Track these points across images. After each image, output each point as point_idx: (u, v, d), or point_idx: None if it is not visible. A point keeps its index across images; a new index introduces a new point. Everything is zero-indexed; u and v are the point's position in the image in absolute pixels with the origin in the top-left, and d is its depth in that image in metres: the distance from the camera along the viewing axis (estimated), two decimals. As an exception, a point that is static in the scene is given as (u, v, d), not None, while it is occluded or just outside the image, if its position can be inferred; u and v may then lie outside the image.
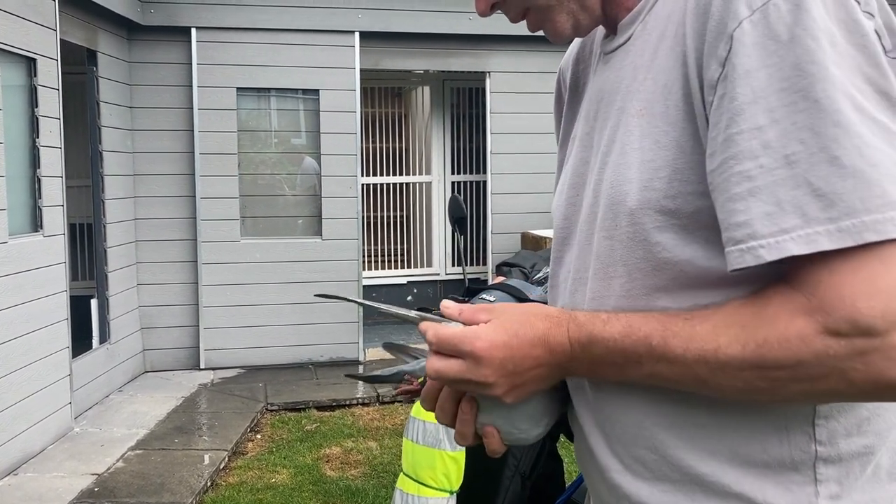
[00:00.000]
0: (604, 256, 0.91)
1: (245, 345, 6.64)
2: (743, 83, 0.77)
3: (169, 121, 6.48)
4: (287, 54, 6.61)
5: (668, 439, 0.88)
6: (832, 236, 0.72)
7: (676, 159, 0.84)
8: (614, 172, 0.90)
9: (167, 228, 6.52)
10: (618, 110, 0.93)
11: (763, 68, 0.76)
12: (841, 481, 0.83)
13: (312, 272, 6.73)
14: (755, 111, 0.76)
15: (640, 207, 0.86)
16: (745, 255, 0.76)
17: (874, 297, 0.72)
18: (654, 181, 0.85)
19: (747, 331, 0.77)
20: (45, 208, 4.82)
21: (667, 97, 0.85)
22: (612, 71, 0.96)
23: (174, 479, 4.31)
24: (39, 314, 4.70)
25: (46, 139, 4.85)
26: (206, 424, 5.29)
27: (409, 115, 8.76)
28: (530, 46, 7.14)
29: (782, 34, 0.76)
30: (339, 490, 4.32)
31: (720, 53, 0.79)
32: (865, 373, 0.73)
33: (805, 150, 0.74)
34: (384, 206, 8.52)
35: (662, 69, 0.86)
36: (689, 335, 0.80)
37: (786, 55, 0.75)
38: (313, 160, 6.87)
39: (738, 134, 0.77)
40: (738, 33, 0.77)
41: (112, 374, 5.91)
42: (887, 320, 0.71)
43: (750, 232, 0.75)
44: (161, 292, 6.54)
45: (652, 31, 0.91)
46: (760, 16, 0.76)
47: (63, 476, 4.35)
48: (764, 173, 0.75)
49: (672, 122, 0.84)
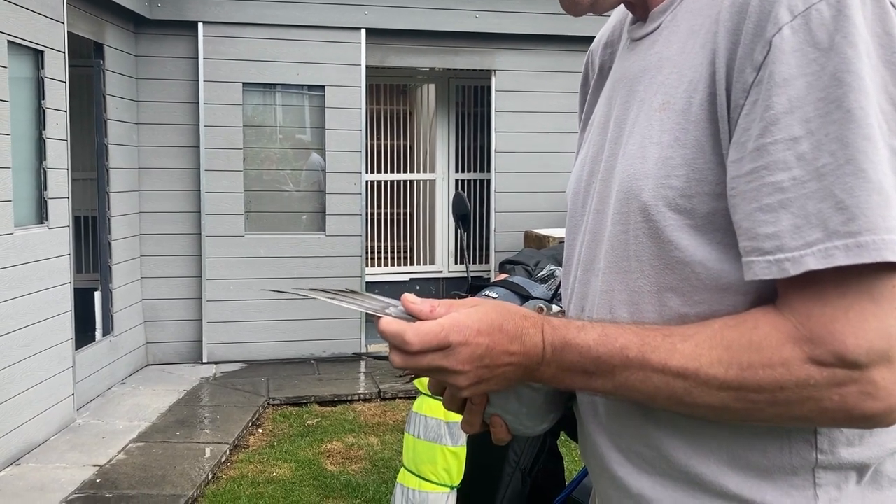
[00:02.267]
0: (619, 249, 0.90)
1: (247, 339, 6.66)
2: (780, 91, 0.75)
3: (175, 115, 6.49)
4: (293, 50, 6.62)
5: (667, 439, 0.88)
6: (850, 251, 0.72)
7: (696, 158, 0.83)
8: (631, 164, 0.89)
9: (171, 222, 6.54)
10: (639, 101, 0.91)
11: (802, 77, 0.75)
12: (840, 486, 0.83)
13: (316, 268, 6.75)
14: (791, 121, 0.75)
15: (655, 204, 0.85)
16: (771, 266, 0.75)
17: (862, 335, 0.73)
18: (672, 178, 0.84)
19: (731, 353, 0.77)
20: (50, 200, 4.83)
21: (691, 95, 0.83)
22: (638, 59, 0.95)
23: (175, 472, 4.33)
24: (43, 306, 4.72)
25: (53, 131, 4.86)
26: (208, 418, 5.30)
27: (414, 113, 8.77)
28: (536, 45, 7.15)
29: (823, 41, 0.74)
30: (339, 485, 4.33)
31: (756, 57, 0.77)
32: (839, 403, 0.75)
33: (834, 161, 0.73)
34: (388, 203, 8.53)
35: (689, 65, 0.85)
36: (669, 351, 0.79)
37: (826, 63, 0.74)
38: (319, 157, 6.88)
39: (772, 144, 0.75)
40: (778, 39, 0.75)
41: (115, 366, 5.93)
42: (870, 357, 0.73)
43: (779, 244, 0.75)
44: (165, 286, 6.56)
45: (681, 23, 0.89)
46: (802, 21, 0.75)
47: (65, 467, 4.37)
48: (796, 185, 0.74)
49: (694, 120, 0.83)
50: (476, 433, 1.00)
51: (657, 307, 0.87)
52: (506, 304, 0.87)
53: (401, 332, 0.81)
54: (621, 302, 0.91)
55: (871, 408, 0.74)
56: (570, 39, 6.92)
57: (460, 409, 0.97)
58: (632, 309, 0.90)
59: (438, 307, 0.83)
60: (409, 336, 0.80)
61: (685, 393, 0.79)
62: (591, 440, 0.99)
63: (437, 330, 0.81)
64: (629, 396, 0.84)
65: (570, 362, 0.83)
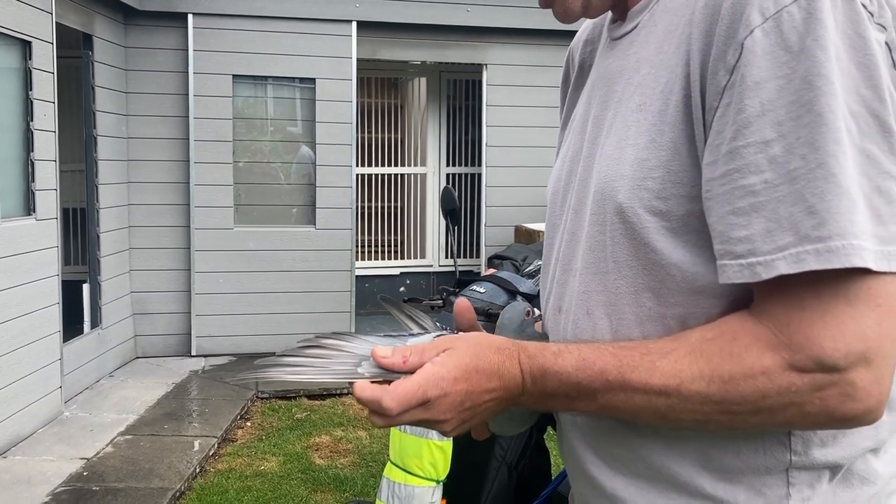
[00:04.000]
0: (596, 250, 0.90)
1: (237, 332, 6.65)
2: (752, 94, 0.75)
3: (164, 107, 6.46)
4: (284, 42, 6.59)
5: (643, 441, 0.88)
6: (820, 256, 0.72)
7: (671, 161, 0.83)
8: (607, 166, 0.89)
9: (160, 214, 6.51)
10: (617, 101, 0.91)
11: (773, 80, 0.74)
12: (813, 485, 0.84)
13: (305, 261, 6.74)
14: (763, 124, 0.75)
15: (631, 206, 0.85)
16: (743, 270, 0.76)
17: (839, 338, 0.73)
18: (647, 181, 0.84)
19: (712, 366, 0.77)
20: (38, 192, 4.81)
21: (667, 96, 0.83)
22: (616, 59, 0.95)
23: (163, 465, 4.32)
24: (31, 298, 4.70)
25: (40, 122, 4.83)
26: (197, 411, 5.29)
27: (405, 106, 8.75)
28: (527, 39, 7.14)
29: (794, 44, 0.74)
30: (327, 478, 4.33)
31: (729, 60, 0.77)
32: (820, 406, 0.75)
33: (805, 165, 0.73)
34: (379, 196, 8.52)
35: (665, 66, 0.85)
36: (649, 370, 0.79)
37: (797, 66, 0.74)
38: (309, 149, 6.86)
39: (744, 147, 0.75)
40: (749, 42, 0.75)
41: (103, 359, 5.91)
42: (848, 359, 0.73)
43: (750, 248, 0.75)
44: (153, 278, 6.54)
45: (658, 24, 0.89)
46: (773, 24, 0.74)
47: (52, 460, 4.35)
48: (768, 189, 0.74)
49: (670, 122, 0.83)
50: None
51: (634, 308, 0.87)
52: (478, 339, 0.86)
53: (376, 398, 0.80)
54: (599, 302, 0.91)
55: (852, 409, 0.75)
56: (561, 34, 6.91)
57: None
58: (609, 309, 0.90)
59: (410, 356, 0.82)
60: (386, 402, 0.80)
61: (668, 410, 0.80)
62: (567, 440, 1.00)
63: (413, 389, 0.80)
64: (614, 416, 0.85)
65: (551, 389, 0.84)
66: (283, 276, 6.70)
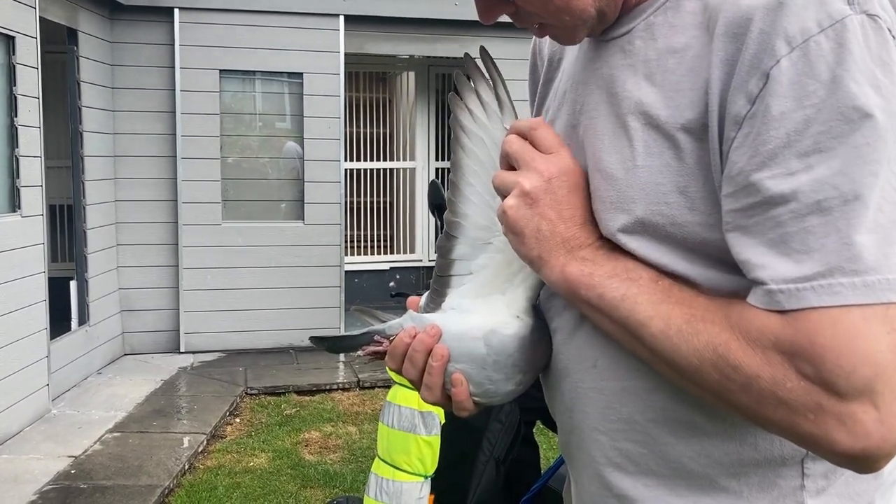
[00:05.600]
0: None
1: (225, 328, 6.62)
2: (776, 125, 0.72)
3: (150, 102, 6.42)
4: (271, 37, 6.56)
5: (661, 435, 0.87)
6: (857, 290, 0.69)
7: (689, 187, 0.80)
8: (610, 188, 0.85)
9: (148, 210, 6.47)
10: (616, 116, 0.87)
11: (800, 110, 0.72)
12: (828, 475, 0.83)
13: (294, 257, 6.72)
14: (788, 155, 0.72)
15: (644, 231, 0.82)
16: (765, 297, 0.73)
17: (844, 355, 0.69)
18: (662, 206, 0.81)
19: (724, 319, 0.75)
20: (23, 188, 4.77)
21: (681, 121, 0.80)
22: (606, 66, 0.90)
23: (152, 462, 4.30)
24: (17, 295, 4.66)
25: (25, 118, 4.79)
26: (185, 408, 5.27)
27: (393, 101, 8.73)
28: (516, 34, 7.11)
29: (823, 74, 0.71)
30: (317, 474, 4.33)
31: (751, 89, 0.74)
32: (813, 424, 0.71)
33: (839, 196, 0.70)
34: (367, 191, 8.50)
35: (678, 90, 0.81)
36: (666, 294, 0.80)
37: (826, 97, 0.71)
38: (296, 144, 6.84)
39: (770, 178, 0.72)
40: (776, 72, 0.72)
41: (91, 356, 5.87)
42: (850, 383, 0.69)
43: (771, 275, 0.72)
44: (141, 275, 6.50)
45: (658, 37, 0.85)
46: (800, 53, 0.72)
47: (39, 458, 4.33)
48: (795, 220, 0.72)
49: (680, 146, 0.80)
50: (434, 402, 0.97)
51: None
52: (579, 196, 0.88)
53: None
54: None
55: (845, 443, 0.70)
56: (549, 27, 6.90)
57: (420, 376, 0.95)
58: None
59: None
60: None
61: (676, 331, 0.77)
62: (575, 436, 0.97)
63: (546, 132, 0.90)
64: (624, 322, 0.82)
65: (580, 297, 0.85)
66: (272, 272, 6.68)
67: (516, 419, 2.39)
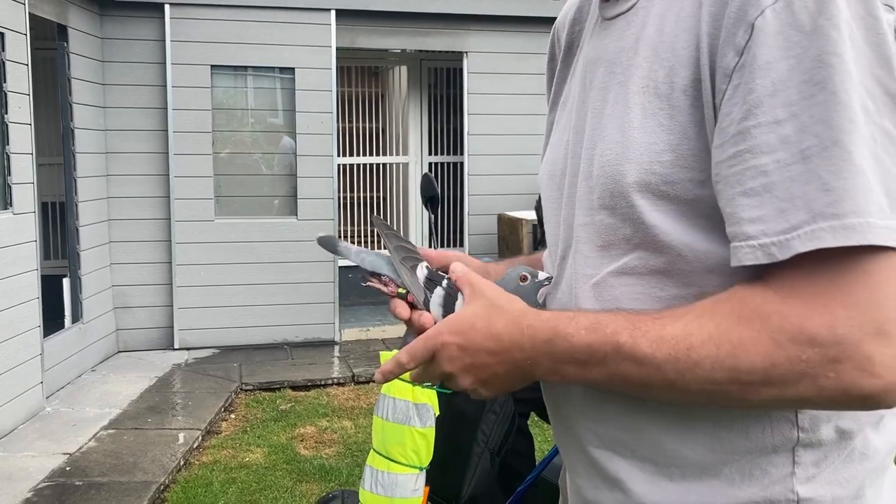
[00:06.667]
0: (605, 233, 0.89)
1: (219, 325, 6.61)
2: (763, 74, 0.74)
3: (142, 98, 6.39)
4: (262, 32, 6.54)
5: (649, 424, 0.87)
6: (837, 233, 0.71)
7: (680, 145, 0.82)
8: (611, 150, 0.87)
9: (140, 207, 6.46)
10: (618, 84, 0.90)
11: (784, 59, 0.74)
12: (818, 463, 0.84)
13: (287, 252, 6.71)
14: (774, 104, 0.74)
15: (639, 190, 0.84)
16: (756, 251, 0.74)
17: (853, 308, 0.71)
18: (655, 165, 0.83)
19: (721, 329, 0.76)
20: (14, 185, 4.75)
21: (674, 80, 0.82)
22: (612, 40, 0.93)
23: (147, 459, 4.29)
24: (10, 293, 4.65)
25: (15, 115, 4.77)
26: (180, 404, 5.27)
27: (386, 95, 8.72)
28: (508, 27, 7.12)
29: (806, 24, 0.73)
30: (312, 469, 4.33)
31: (738, 41, 0.76)
32: (837, 380, 0.72)
33: (819, 143, 0.72)
34: (360, 186, 8.49)
35: (671, 49, 0.83)
36: (659, 335, 0.78)
37: (809, 46, 0.73)
38: (290, 140, 6.82)
39: (755, 127, 0.74)
40: (761, 22, 0.74)
41: (84, 353, 5.86)
42: (863, 330, 0.71)
43: (763, 229, 0.74)
44: (134, 272, 6.49)
45: (657, 3, 0.88)
46: (784, 4, 0.74)
47: (34, 455, 4.32)
48: (780, 168, 0.73)
49: (678, 105, 0.82)
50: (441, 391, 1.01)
51: (647, 289, 0.86)
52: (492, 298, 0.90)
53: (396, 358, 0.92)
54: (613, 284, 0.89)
55: (870, 385, 0.71)
56: (542, 20, 6.90)
57: None
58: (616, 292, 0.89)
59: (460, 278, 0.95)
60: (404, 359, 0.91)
61: (678, 377, 0.77)
62: (567, 424, 0.98)
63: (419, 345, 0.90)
64: (626, 385, 0.83)
65: (561, 353, 0.83)
66: (266, 268, 6.67)
67: (511, 410, 2.40)
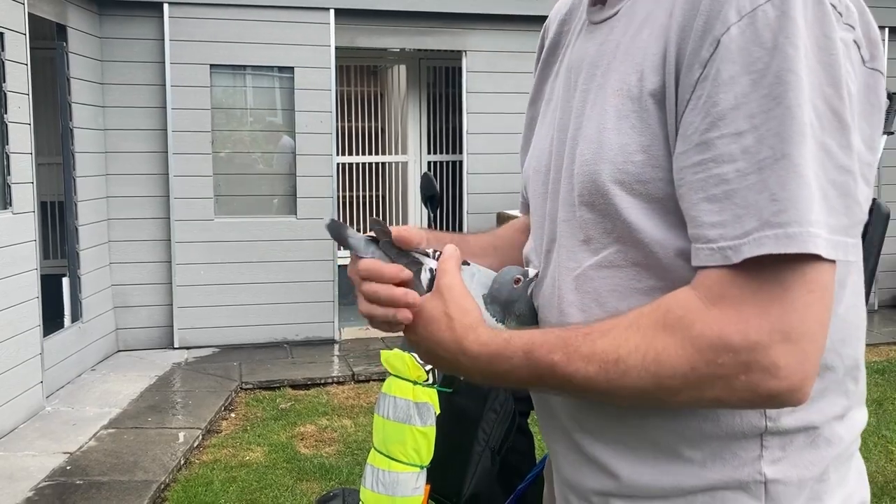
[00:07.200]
0: (586, 228, 0.94)
1: (219, 324, 6.62)
2: (727, 89, 0.79)
3: (141, 97, 6.40)
4: (261, 31, 6.54)
5: (631, 413, 0.92)
6: (779, 241, 0.76)
7: (651, 146, 0.86)
8: (589, 149, 0.92)
9: (140, 206, 6.46)
10: (598, 86, 0.94)
11: (747, 74, 0.78)
12: (784, 447, 0.89)
13: (287, 251, 6.71)
14: (737, 116, 0.78)
15: (614, 188, 0.89)
16: (714, 254, 0.79)
17: (764, 317, 0.76)
18: (629, 165, 0.87)
19: (647, 339, 0.81)
20: (14, 185, 4.75)
21: (644, 84, 0.87)
22: (596, 44, 0.97)
23: (147, 458, 4.30)
24: (9, 292, 4.65)
25: (15, 115, 4.77)
26: (180, 403, 5.27)
27: (385, 94, 8.72)
28: (507, 26, 7.12)
29: (768, 41, 0.78)
30: (313, 467, 4.33)
31: (703, 54, 0.80)
32: (746, 382, 0.78)
33: (772, 154, 0.77)
34: (360, 185, 8.49)
35: (643, 54, 0.88)
36: (591, 350, 0.83)
37: (770, 62, 0.77)
38: (290, 139, 6.83)
39: (719, 138, 0.79)
40: (726, 38, 0.79)
41: (84, 353, 5.86)
42: (771, 338, 0.76)
43: (722, 233, 0.79)
44: (134, 271, 6.49)
45: (639, 11, 0.92)
46: (748, 21, 0.78)
47: (34, 455, 4.33)
48: (740, 177, 0.78)
49: (648, 109, 0.86)
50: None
51: (624, 281, 0.91)
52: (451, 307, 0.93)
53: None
54: (585, 277, 0.94)
55: (775, 387, 0.77)
56: (541, 20, 6.83)
57: None
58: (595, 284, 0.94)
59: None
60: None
61: (609, 386, 0.83)
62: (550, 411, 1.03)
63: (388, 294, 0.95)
64: (562, 395, 0.91)
65: (503, 371, 0.89)
66: (265, 267, 6.67)
67: (511, 409, 2.41)
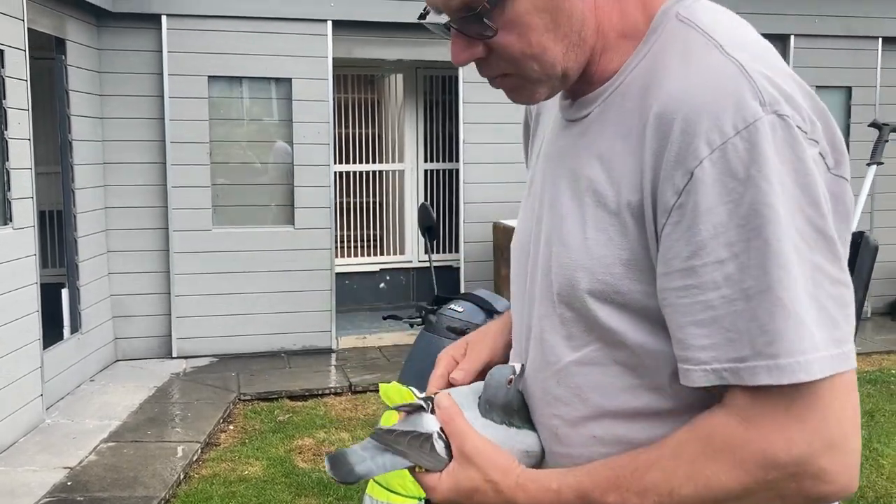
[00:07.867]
0: (567, 325, 0.96)
1: (217, 333, 6.66)
2: (705, 219, 0.82)
3: (139, 109, 6.43)
4: (259, 42, 6.57)
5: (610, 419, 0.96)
6: (772, 372, 0.80)
7: (630, 260, 0.89)
8: (567, 255, 0.94)
9: (138, 217, 6.49)
10: (573, 189, 0.96)
11: (723, 204, 0.81)
12: None
13: (285, 261, 6.75)
14: (717, 245, 0.82)
15: (591, 296, 0.91)
16: (709, 374, 0.83)
17: (805, 431, 0.81)
18: (607, 276, 0.90)
19: (696, 468, 0.85)
20: (14, 201, 4.78)
21: (620, 199, 0.89)
22: (571, 143, 0.99)
23: (147, 472, 4.34)
24: (9, 307, 4.69)
25: (15, 131, 4.80)
26: (179, 415, 5.31)
27: (382, 102, 8.75)
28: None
29: (740, 172, 0.81)
30: (311, 482, 4.38)
31: (677, 183, 0.83)
32: (797, 490, 0.83)
33: (757, 285, 0.80)
34: (357, 193, 8.52)
35: (619, 171, 0.90)
36: (643, 487, 0.87)
37: (744, 192, 0.81)
38: (285, 144, 6.86)
39: (701, 266, 0.82)
40: (699, 172, 0.81)
41: (84, 363, 5.90)
42: (815, 448, 0.81)
43: (715, 355, 0.82)
44: (133, 281, 6.53)
45: (609, 121, 0.93)
46: (720, 154, 0.81)
47: (35, 470, 4.36)
48: (725, 304, 0.82)
49: (626, 223, 0.89)
50: None
51: (605, 378, 0.95)
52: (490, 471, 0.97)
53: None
54: (574, 374, 0.97)
55: (826, 490, 0.83)
56: (536, 30, 6.91)
57: None
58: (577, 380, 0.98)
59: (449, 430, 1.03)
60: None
61: None
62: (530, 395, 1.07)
63: None
64: None
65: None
66: (263, 277, 6.71)
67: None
